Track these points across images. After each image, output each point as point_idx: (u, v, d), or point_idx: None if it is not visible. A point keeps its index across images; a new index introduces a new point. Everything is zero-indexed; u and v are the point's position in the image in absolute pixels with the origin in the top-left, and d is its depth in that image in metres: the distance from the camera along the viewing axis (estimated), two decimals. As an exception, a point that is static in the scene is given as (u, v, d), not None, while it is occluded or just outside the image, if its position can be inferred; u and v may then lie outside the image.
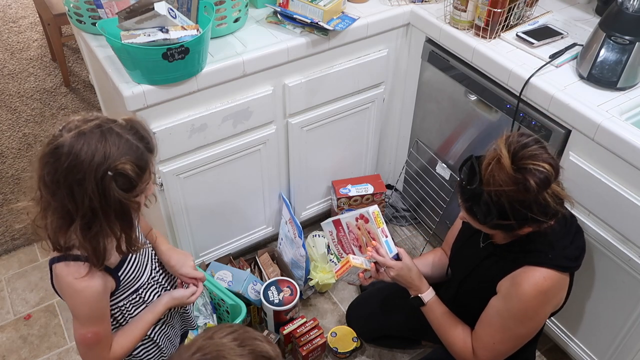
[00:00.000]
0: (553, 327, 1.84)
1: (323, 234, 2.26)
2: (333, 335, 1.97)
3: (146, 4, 1.47)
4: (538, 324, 1.37)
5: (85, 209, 1.02)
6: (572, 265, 1.33)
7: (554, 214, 1.23)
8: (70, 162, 0.99)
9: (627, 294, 1.55)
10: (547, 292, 1.30)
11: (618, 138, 1.40)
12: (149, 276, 1.28)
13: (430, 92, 2.03)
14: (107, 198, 1.02)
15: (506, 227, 1.26)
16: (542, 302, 1.31)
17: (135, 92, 1.56)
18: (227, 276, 2.01)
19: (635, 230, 1.46)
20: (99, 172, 1.00)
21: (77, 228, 1.05)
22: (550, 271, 1.29)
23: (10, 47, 3.54)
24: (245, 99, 1.78)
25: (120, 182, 1.03)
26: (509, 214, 1.21)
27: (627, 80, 1.53)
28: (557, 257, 1.30)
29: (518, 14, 1.78)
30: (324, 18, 1.76)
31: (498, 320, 1.37)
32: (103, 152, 1.00)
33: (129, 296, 1.25)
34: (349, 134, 2.15)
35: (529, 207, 1.20)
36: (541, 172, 1.17)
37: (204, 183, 1.89)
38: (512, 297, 1.32)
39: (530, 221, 1.23)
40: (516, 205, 1.20)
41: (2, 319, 2.10)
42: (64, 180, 1.00)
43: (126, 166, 1.02)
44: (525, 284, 1.29)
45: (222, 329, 0.93)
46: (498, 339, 1.38)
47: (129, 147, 1.04)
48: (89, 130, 1.01)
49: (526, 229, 1.27)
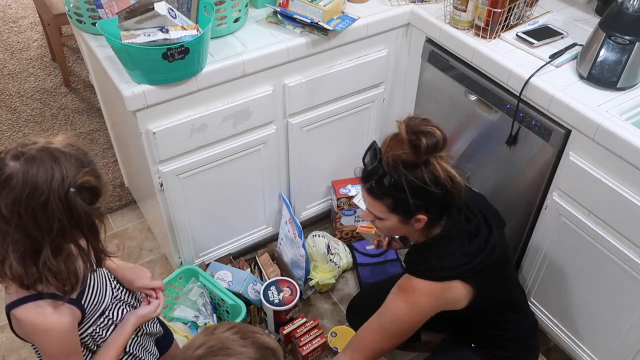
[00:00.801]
0: (553, 327, 1.84)
1: (323, 234, 2.26)
2: (333, 335, 1.97)
3: (146, 4, 1.47)
4: (411, 327, 1.47)
5: (54, 232, 0.99)
6: (448, 275, 1.40)
7: (445, 192, 1.31)
8: (30, 188, 0.95)
9: (627, 294, 1.55)
10: (416, 301, 1.41)
11: (618, 138, 1.40)
12: (112, 296, 1.26)
13: (430, 92, 2.03)
14: (74, 214, 1.00)
15: (402, 206, 1.34)
16: (409, 309, 1.42)
17: (135, 92, 1.56)
18: (227, 276, 2.01)
19: (635, 230, 1.46)
20: (62, 192, 0.97)
21: (47, 254, 1.00)
22: (420, 281, 1.40)
23: (10, 47, 3.54)
24: (245, 99, 1.78)
25: (85, 195, 1.02)
26: (404, 185, 1.29)
27: (627, 80, 1.53)
28: (429, 270, 1.41)
29: (518, 14, 1.78)
30: (324, 18, 1.76)
31: (376, 320, 1.51)
32: (60, 172, 0.97)
33: (97, 320, 1.22)
34: (349, 134, 2.15)
35: (422, 178, 1.29)
36: (431, 134, 1.28)
37: (204, 183, 1.89)
38: (387, 301, 1.48)
39: (424, 198, 1.31)
40: (410, 175, 1.29)
41: (2, 319, 2.10)
42: (26, 208, 0.96)
43: (86, 178, 1.01)
44: (397, 290, 1.46)
45: (222, 326, 0.95)
46: (376, 338, 1.51)
47: (80, 162, 1.02)
48: (37, 153, 0.98)
49: (421, 216, 1.35)
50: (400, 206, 1.35)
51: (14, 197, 0.96)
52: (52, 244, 1.01)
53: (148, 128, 1.66)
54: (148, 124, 1.66)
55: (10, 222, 0.98)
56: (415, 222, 1.38)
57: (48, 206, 0.96)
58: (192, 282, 1.99)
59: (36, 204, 0.96)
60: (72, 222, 1.00)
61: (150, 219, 2.37)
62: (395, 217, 1.38)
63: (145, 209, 2.38)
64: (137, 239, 2.40)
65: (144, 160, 1.77)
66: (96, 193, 1.04)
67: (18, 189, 0.95)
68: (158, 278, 1.58)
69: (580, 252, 1.63)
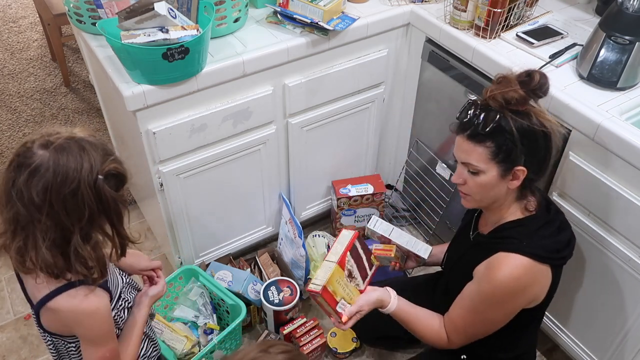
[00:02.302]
0: (552, 326, 1.84)
1: (323, 234, 2.26)
2: (333, 336, 1.97)
3: (146, 4, 1.47)
4: (509, 311, 1.37)
5: (84, 219, 1.02)
6: (550, 257, 1.33)
7: (547, 140, 1.29)
8: (62, 176, 0.99)
9: (627, 294, 1.55)
10: (519, 279, 1.31)
11: (618, 138, 1.40)
12: (122, 280, 1.29)
13: (430, 92, 2.03)
14: (102, 201, 1.03)
15: (506, 150, 1.27)
16: (513, 288, 1.32)
17: (135, 92, 1.56)
18: (227, 276, 2.01)
19: (635, 230, 1.46)
20: (91, 179, 1.01)
21: (77, 241, 1.03)
22: (523, 258, 1.30)
23: (10, 47, 3.54)
24: (245, 99, 1.78)
25: (112, 182, 1.05)
26: (511, 124, 1.25)
27: (627, 80, 1.53)
28: (533, 246, 1.31)
29: (518, 14, 1.78)
30: (324, 18, 1.76)
31: (469, 302, 1.39)
32: (88, 160, 1.01)
33: (117, 303, 1.25)
34: (349, 134, 2.15)
35: (529, 118, 1.25)
36: (544, 74, 1.27)
37: (204, 183, 1.89)
38: (484, 280, 1.34)
39: (528, 142, 1.27)
40: (516, 115, 1.25)
41: (2, 319, 2.10)
42: (57, 195, 0.99)
43: (114, 165, 1.05)
44: (496, 268, 1.31)
45: (277, 346, 0.93)
46: (469, 321, 1.40)
47: (106, 150, 1.06)
48: (65, 143, 1.01)
49: (521, 167, 1.29)
50: (504, 151, 1.27)
51: (44, 185, 0.99)
52: (81, 231, 1.03)
53: (148, 128, 1.66)
54: (148, 124, 1.66)
55: (42, 210, 1.00)
56: (514, 177, 1.30)
57: (78, 193, 0.99)
58: (192, 282, 1.99)
59: (67, 191, 0.99)
60: (101, 208, 1.03)
61: (150, 219, 2.37)
62: (495, 167, 1.29)
63: (145, 209, 2.38)
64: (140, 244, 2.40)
65: (144, 160, 1.77)
66: (122, 180, 1.08)
67: (49, 177, 0.98)
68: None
69: (580, 252, 1.63)
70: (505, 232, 1.36)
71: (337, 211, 2.25)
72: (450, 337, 1.45)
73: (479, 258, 1.38)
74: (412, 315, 1.51)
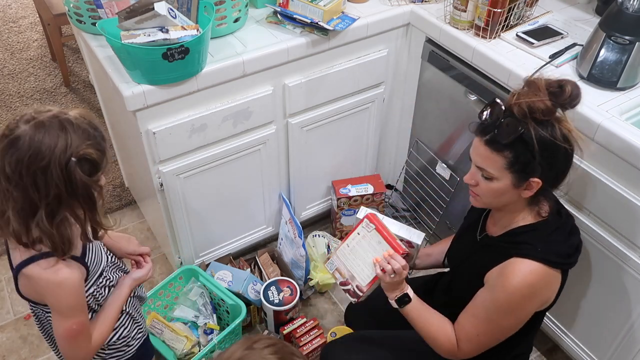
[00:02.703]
0: (553, 326, 1.84)
1: (323, 234, 2.26)
2: (333, 336, 1.97)
3: (146, 4, 1.48)
4: (522, 318, 1.35)
5: (50, 197, 1.05)
6: (562, 262, 1.32)
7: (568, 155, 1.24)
8: (33, 151, 1.02)
9: (627, 294, 1.55)
10: (533, 285, 1.29)
11: (618, 138, 1.40)
12: (107, 259, 1.32)
13: (430, 92, 2.03)
14: (72, 183, 1.05)
15: (523, 162, 1.23)
16: (527, 295, 1.30)
17: (135, 92, 1.56)
18: (227, 276, 2.01)
19: (635, 230, 1.46)
20: (63, 159, 1.03)
21: (42, 217, 1.06)
22: (538, 264, 1.28)
23: (10, 47, 3.54)
24: (245, 99, 1.78)
25: (85, 167, 1.07)
26: (533, 136, 1.20)
27: (627, 80, 1.53)
28: (547, 251, 1.29)
29: (518, 14, 1.78)
30: (324, 18, 1.76)
31: (483, 311, 1.36)
32: (65, 140, 1.04)
33: (97, 280, 1.27)
34: (349, 134, 2.15)
35: (553, 132, 1.20)
36: (577, 85, 1.21)
37: (204, 183, 1.89)
38: (498, 288, 1.31)
39: (549, 156, 1.22)
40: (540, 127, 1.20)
41: (2, 319, 2.10)
42: (27, 169, 1.02)
43: (89, 150, 1.06)
44: (511, 275, 1.29)
45: (261, 340, 0.92)
46: (482, 330, 1.37)
47: (87, 134, 1.08)
48: (47, 120, 1.05)
49: (536, 179, 1.25)
50: (521, 162, 1.23)
51: (17, 157, 1.03)
52: (47, 207, 1.06)
53: (148, 128, 1.66)
54: (148, 124, 1.66)
55: (11, 180, 1.04)
56: (527, 187, 1.26)
57: (48, 171, 1.03)
58: (192, 282, 1.99)
59: (37, 167, 1.02)
60: (70, 190, 1.06)
61: (150, 219, 2.37)
62: (509, 176, 1.26)
63: (145, 209, 2.38)
64: (137, 239, 2.39)
65: (144, 160, 1.77)
66: (96, 166, 1.09)
67: (23, 150, 1.02)
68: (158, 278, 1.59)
69: (580, 252, 1.62)
70: (519, 237, 1.33)
71: (337, 211, 2.25)
72: (461, 345, 1.41)
73: (488, 260, 1.35)
74: (425, 314, 1.47)
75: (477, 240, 1.47)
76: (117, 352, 1.39)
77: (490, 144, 1.26)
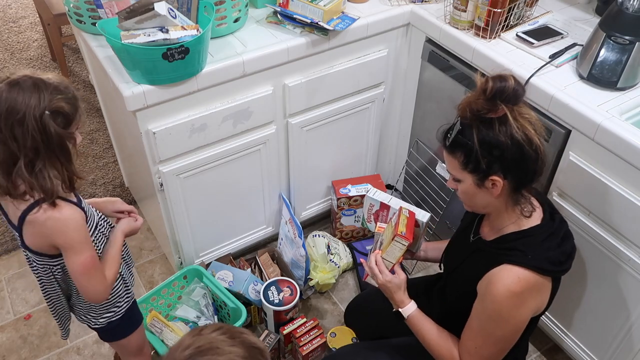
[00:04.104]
0: (552, 326, 1.84)
1: (323, 234, 2.26)
2: (333, 336, 1.97)
3: (146, 4, 1.48)
4: (518, 326, 1.33)
5: (27, 147, 1.12)
6: (553, 270, 1.30)
7: (520, 151, 1.22)
8: (9, 105, 1.10)
9: (627, 294, 1.55)
10: (522, 293, 1.27)
11: (618, 138, 1.40)
12: (98, 216, 1.38)
13: (430, 92, 2.03)
14: (47, 134, 1.13)
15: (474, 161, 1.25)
16: (515, 304, 1.28)
17: (135, 92, 1.56)
18: (227, 276, 2.01)
19: (635, 230, 1.46)
20: (37, 112, 1.11)
21: (21, 167, 1.14)
22: (526, 272, 1.26)
23: (10, 47, 3.54)
24: (245, 99, 1.78)
25: (59, 119, 1.15)
26: (473, 133, 1.23)
27: (627, 80, 1.53)
28: (537, 258, 1.27)
29: (518, 14, 1.78)
30: (324, 18, 1.76)
31: (476, 322, 1.35)
32: (38, 96, 1.12)
33: (94, 233, 1.33)
34: (349, 134, 2.15)
35: (491, 128, 1.21)
36: (503, 78, 1.19)
37: (204, 183, 1.89)
38: (487, 297, 1.30)
39: (494, 152, 1.22)
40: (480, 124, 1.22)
41: (2, 319, 2.10)
42: (5, 122, 1.11)
43: (61, 104, 1.15)
44: (498, 283, 1.27)
45: (208, 327, 0.97)
46: (479, 342, 1.35)
47: (59, 91, 1.16)
48: (21, 79, 1.13)
49: (496, 177, 1.24)
50: (473, 162, 1.25)
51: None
52: (25, 157, 1.14)
53: (148, 128, 1.66)
54: (148, 124, 1.66)
55: None
56: (492, 186, 1.26)
57: (24, 123, 1.11)
58: (195, 282, 1.99)
59: (14, 119, 1.11)
60: (45, 140, 1.14)
61: (150, 219, 2.37)
62: (468, 176, 1.28)
63: (145, 209, 2.38)
64: (137, 239, 2.40)
65: (144, 160, 1.77)
66: (69, 118, 1.17)
67: (1, 105, 1.12)
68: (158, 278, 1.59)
69: (580, 253, 1.63)
70: (510, 244, 1.31)
71: (337, 211, 2.25)
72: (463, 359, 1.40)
73: (480, 265, 1.34)
74: (427, 326, 1.48)
75: (470, 242, 1.46)
76: (107, 312, 1.45)
77: (446, 148, 1.32)
